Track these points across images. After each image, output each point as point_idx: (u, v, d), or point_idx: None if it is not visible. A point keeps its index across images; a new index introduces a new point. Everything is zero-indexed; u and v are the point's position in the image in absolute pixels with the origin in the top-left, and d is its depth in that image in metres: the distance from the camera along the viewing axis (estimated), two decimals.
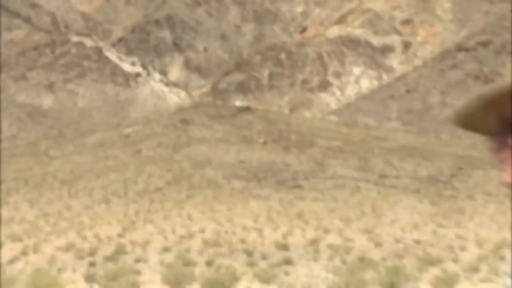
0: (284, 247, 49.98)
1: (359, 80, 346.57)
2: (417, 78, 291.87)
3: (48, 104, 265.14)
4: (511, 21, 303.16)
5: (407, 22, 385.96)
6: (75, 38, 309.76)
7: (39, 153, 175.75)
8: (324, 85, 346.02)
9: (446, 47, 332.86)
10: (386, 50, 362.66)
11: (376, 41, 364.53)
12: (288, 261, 39.78)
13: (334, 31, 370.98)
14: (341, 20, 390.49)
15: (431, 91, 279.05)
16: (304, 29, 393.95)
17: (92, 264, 40.46)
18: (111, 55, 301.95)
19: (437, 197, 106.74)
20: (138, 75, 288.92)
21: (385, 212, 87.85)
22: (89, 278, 29.78)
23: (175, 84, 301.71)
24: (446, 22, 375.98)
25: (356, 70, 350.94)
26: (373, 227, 69.77)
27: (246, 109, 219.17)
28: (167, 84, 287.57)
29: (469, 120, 1.98)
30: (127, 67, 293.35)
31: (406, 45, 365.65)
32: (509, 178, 1.79)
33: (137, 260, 42.87)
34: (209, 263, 38.82)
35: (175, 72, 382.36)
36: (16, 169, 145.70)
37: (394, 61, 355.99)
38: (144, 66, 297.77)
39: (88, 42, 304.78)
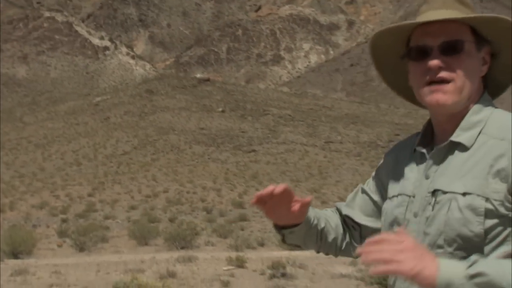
0: (240, 205, 50.15)
1: (308, 55, 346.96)
2: (360, 53, 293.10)
3: (22, 74, 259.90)
4: None
5: (351, 2, 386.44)
6: (47, 13, 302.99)
7: (14, 120, 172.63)
8: (277, 59, 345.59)
9: (385, 25, 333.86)
10: (333, 27, 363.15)
11: (323, 19, 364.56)
12: (243, 218, 39.94)
13: (285, 10, 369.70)
14: (292, 0, 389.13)
15: (372, 65, 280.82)
16: (258, 8, 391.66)
17: (64, 220, 40.09)
18: (81, 29, 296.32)
19: (376, 160, 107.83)
20: (106, 48, 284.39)
21: (331, 173, 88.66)
22: (62, 233, 29.51)
23: (141, 57, 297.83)
24: (385, 3, 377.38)
25: (306, 46, 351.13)
26: (320, 187, 70.44)
27: (206, 80, 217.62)
28: (133, 57, 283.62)
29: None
30: (96, 41, 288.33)
31: (350, 23, 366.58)
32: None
33: (106, 217, 42.60)
34: (172, 220, 38.77)
35: (141, 46, 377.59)
36: None
37: (340, 38, 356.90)
38: (112, 40, 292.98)
39: (60, 17, 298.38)
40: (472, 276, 1.50)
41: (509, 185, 1.62)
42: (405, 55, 1.87)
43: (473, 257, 1.57)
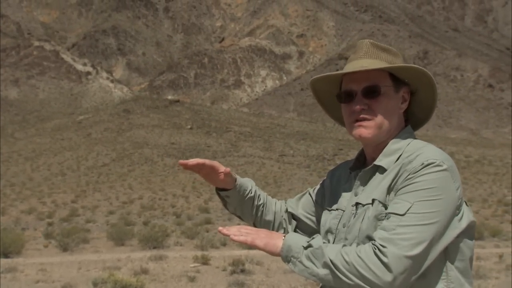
0: (205, 210, 49.91)
1: (265, 80, 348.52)
2: (309, 79, 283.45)
3: (14, 96, 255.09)
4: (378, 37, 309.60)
5: (301, 36, 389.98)
6: (36, 43, 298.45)
7: (6, 135, 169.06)
8: (238, 84, 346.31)
9: (330, 55, 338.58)
10: (286, 57, 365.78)
11: (278, 50, 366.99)
12: (208, 221, 39.73)
13: (245, 42, 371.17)
14: (251, 33, 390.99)
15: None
16: (222, 39, 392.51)
17: (50, 224, 39.29)
18: (67, 57, 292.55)
19: (323, 171, 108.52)
20: (88, 73, 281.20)
21: (284, 182, 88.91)
22: (48, 236, 28.92)
23: (119, 81, 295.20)
24: (330, 36, 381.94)
25: (263, 72, 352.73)
26: (275, 194, 70.32)
27: (176, 101, 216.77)
28: (112, 81, 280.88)
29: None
30: (79, 67, 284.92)
31: (301, 54, 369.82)
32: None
33: (87, 221, 41.91)
34: (145, 223, 38.34)
35: (119, 71, 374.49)
36: None
37: (292, 66, 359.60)
38: (93, 66, 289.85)
39: (48, 46, 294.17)
40: (305, 247, 1.71)
41: (396, 194, 1.74)
42: (337, 97, 1.94)
43: (315, 236, 1.80)
